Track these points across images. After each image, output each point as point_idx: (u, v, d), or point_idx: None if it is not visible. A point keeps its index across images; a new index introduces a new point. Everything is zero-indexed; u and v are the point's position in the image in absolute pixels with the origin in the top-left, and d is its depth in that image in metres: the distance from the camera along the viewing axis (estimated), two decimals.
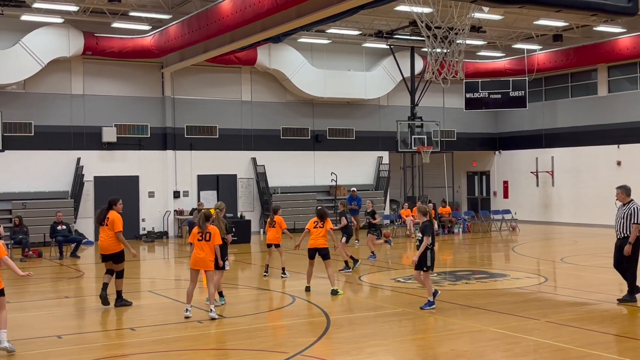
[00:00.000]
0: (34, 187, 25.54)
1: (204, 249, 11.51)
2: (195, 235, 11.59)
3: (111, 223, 12.62)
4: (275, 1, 18.13)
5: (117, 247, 12.71)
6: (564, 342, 9.48)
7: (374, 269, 17.72)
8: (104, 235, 12.69)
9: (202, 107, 28.97)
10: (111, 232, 12.64)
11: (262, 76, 30.15)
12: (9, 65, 24.71)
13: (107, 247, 12.68)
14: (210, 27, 21.71)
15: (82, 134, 26.75)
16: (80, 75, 26.93)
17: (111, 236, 12.65)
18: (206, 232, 11.54)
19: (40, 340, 10.02)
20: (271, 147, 30.11)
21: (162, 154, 28.24)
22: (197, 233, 11.57)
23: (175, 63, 26.97)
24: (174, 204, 28.30)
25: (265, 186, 29.49)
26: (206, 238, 11.53)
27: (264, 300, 13.87)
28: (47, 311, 12.56)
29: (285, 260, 16.42)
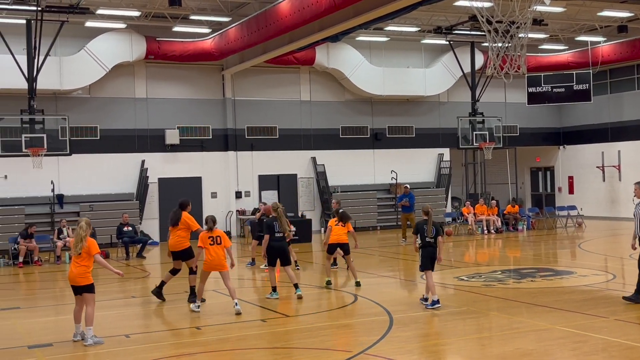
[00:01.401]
0: (101, 190, 26.18)
1: (217, 252, 11.98)
2: (206, 240, 12.01)
3: (185, 224, 13.20)
4: (333, 0, 18.15)
5: (185, 244, 13.24)
6: (633, 341, 9.22)
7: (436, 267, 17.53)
8: (174, 235, 13.16)
9: (262, 108, 29.21)
10: (181, 232, 13.17)
11: (321, 76, 30.21)
12: (75, 70, 25.40)
13: (174, 245, 13.20)
14: (269, 28, 21.87)
15: (146, 136, 27.30)
16: (143, 79, 27.48)
17: (181, 235, 13.17)
18: (216, 236, 12.06)
19: (109, 339, 10.26)
20: (331, 146, 30.15)
21: (223, 155, 28.60)
22: (207, 238, 12.01)
23: (235, 65, 27.27)
24: (236, 204, 28.62)
25: (325, 185, 29.55)
26: (217, 242, 12.04)
27: (325, 299, 13.89)
28: (115, 311, 12.86)
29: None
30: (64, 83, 25.22)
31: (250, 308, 12.64)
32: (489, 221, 26.61)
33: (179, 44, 26.68)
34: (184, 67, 27.74)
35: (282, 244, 13.49)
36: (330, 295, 14.21)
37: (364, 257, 19.95)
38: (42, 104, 23.49)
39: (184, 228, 13.25)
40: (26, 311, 13.28)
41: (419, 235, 12.09)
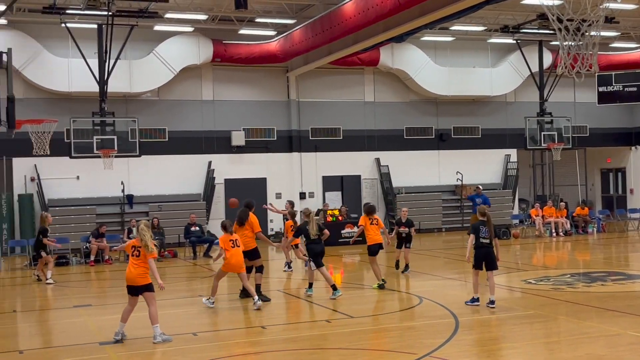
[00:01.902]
0: (169, 190, 26.70)
1: (237, 254, 12.61)
2: (227, 243, 12.56)
3: (250, 224, 13.55)
4: (398, 0, 18.08)
5: (252, 244, 13.54)
6: None
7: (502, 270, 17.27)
8: (241, 235, 13.39)
9: (326, 109, 29.30)
10: (248, 232, 13.47)
11: (385, 76, 30.12)
12: (144, 73, 25.99)
13: (245, 245, 13.37)
14: (334, 29, 21.93)
15: (213, 138, 27.72)
16: (210, 82, 27.92)
17: (248, 235, 13.48)
18: (236, 239, 12.69)
19: (176, 337, 10.46)
20: (395, 147, 30.01)
21: (288, 156, 28.80)
22: (228, 240, 12.57)
23: (299, 67, 27.43)
24: (300, 204, 28.75)
25: (389, 186, 29.44)
26: (237, 244, 12.65)
27: (390, 300, 13.84)
28: (183, 309, 13.09)
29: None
30: (134, 86, 25.85)
31: (315, 308, 12.69)
32: (557, 223, 26.04)
33: (245, 47, 27.01)
34: (249, 69, 28.06)
35: (320, 246, 13.79)
36: (395, 296, 14.14)
37: (429, 258, 19.80)
38: (112, 107, 24.08)
39: (250, 228, 13.50)
40: (97, 308, 13.65)
41: (475, 235, 12.11)
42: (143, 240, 10.14)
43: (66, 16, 22.86)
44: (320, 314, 12.25)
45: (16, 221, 24.67)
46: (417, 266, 17.64)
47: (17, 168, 25.07)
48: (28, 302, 15.30)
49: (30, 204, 24.64)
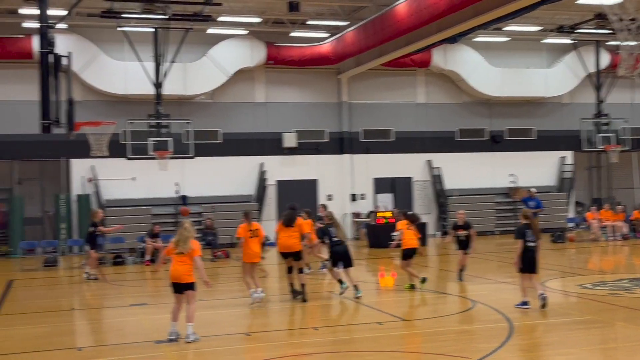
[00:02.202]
0: (222, 191, 27.01)
1: (255, 244, 13.20)
2: (247, 233, 13.15)
3: (299, 226, 13.87)
4: (452, 1, 17.96)
5: (299, 246, 13.74)
6: None
7: (557, 274, 16.99)
8: (289, 236, 13.59)
9: (378, 111, 29.24)
10: (295, 233, 13.68)
11: (437, 77, 29.91)
12: (198, 76, 26.36)
13: (291, 246, 13.59)
14: (386, 31, 21.89)
15: (265, 140, 27.94)
16: (262, 84, 28.16)
17: (294, 236, 13.68)
18: (255, 229, 13.22)
19: (229, 337, 10.57)
20: (447, 149, 29.77)
21: (339, 157, 28.84)
22: (247, 230, 13.13)
23: (351, 68, 27.44)
24: (351, 206, 28.79)
25: (441, 189, 29.22)
26: (256, 234, 13.20)
27: (442, 303, 13.75)
28: (235, 309, 13.23)
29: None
30: (188, 88, 26.25)
31: (366, 310, 12.69)
32: (614, 227, 25.47)
33: (297, 49, 27.16)
34: (301, 71, 28.20)
35: (343, 247, 13.95)
36: (447, 300, 14.04)
37: (482, 262, 19.58)
38: (167, 109, 24.51)
39: (298, 230, 13.65)
40: (153, 307, 13.89)
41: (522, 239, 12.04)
42: (181, 237, 10.20)
43: (123, 20, 23.35)
44: (372, 316, 12.23)
45: (74, 221, 25.27)
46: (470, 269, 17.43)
47: (75, 169, 25.69)
48: (85, 300, 15.67)
49: (88, 204, 25.22)
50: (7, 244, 25.21)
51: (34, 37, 23.93)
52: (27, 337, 11.01)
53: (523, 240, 12.00)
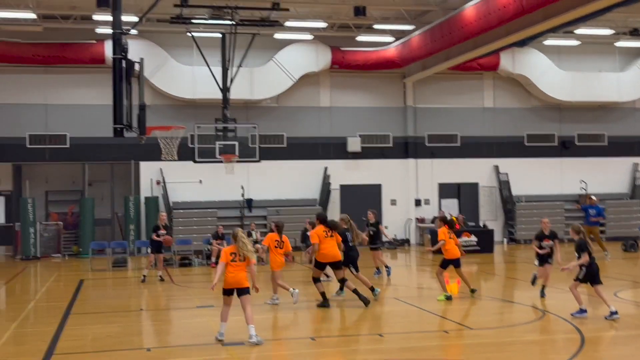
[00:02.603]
0: (286, 195, 27.18)
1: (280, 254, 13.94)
2: (272, 242, 13.97)
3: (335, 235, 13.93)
4: (521, 5, 17.64)
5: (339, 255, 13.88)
6: None
7: (629, 284, 16.46)
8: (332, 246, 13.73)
9: (443, 115, 28.95)
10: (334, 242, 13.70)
11: (505, 81, 29.43)
12: (264, 81, 26.61)
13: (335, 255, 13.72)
14: (453, 35, 21.65)
15: (329, 144, 27.99)
16: (327, 88, 28.22)
17: (334, 246, 13.73)
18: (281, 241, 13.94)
19: (295, 341, 10.59)
20: (515, 154, 29.25)
21: (403, 162, 28.66)
22: (274, 240, 13.86)
23: (417, 72, 27.25)
24: (415, 211, 28.56)
25: (508, 195, 28.71)
26: (281, 246, 13.88)
27: (510, 312, 13.48)
28: (300, 313, 13.25)
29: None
30: (254, 93, 26.51)
31: (432, 318, 12.54)
32: None
33: (362, 53, 27.12)
34: (366, 75, 28.15)
35: (356, 252, 14.61)
36: (515, 309, 13.76)
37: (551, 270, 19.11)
38: (234, 113, 24.73)
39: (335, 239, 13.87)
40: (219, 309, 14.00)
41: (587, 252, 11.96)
42: (243, 248, 10.57)
43: (192, 26, 23.72)
44: (438, 323, 12.08)
45: (142, 222, 25.81)
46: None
47: (144, 171, 26.25)
48: (153, 301, 15.95)
49: (156, 206, 25.72)
50: (78, 244, 25.94)
51: (106, 43, 24.59)
52: (97, 336, 11.26)
53: (588, 253, 11.90)
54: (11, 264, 23.59)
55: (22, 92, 25.75)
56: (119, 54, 12.98)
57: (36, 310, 14.31)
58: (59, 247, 25.81)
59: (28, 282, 19.97)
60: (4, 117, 25.47)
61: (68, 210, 27.40)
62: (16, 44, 24.62)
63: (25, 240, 24.79)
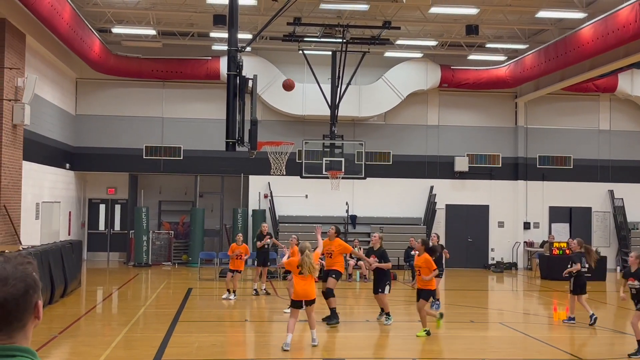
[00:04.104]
0: (390, 213, 27.09)
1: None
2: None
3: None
4: None
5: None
6: None
7: None
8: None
9: (556, 137, 28.12)
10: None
11: (623, 103, 28.29)
12: (373, 98, 26.70)
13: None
14: (568, 55, 21.04)
15: (436, 163, 27.72)
16: (435, 107, 28.00)
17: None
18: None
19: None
20: (631, 179, 28.02)
21: (512, 184, 28.01)
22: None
23: (529, 92, 26.64)
24: (523, 235, 27.82)
25: (623, 221, 27.51)
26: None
27: (620, 344, 12.86)
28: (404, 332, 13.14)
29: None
30: (362, 110, 26.65)
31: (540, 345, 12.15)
32: None
33: (473, 72, 26.77)
34: (475, 94, 27.77)
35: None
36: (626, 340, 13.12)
37: None
38: (341, 130, 24.97)
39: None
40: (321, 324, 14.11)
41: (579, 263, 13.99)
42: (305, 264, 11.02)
43: (303, 43, 24.16)
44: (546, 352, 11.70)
45: (249, 235, 26.34)
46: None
47: (252, 185, 26.85)
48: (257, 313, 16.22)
49: (263, 219, 26.17)
50: (188, 253, 26.78)
51: (221, 59, 25.40)
52: (203, 344, 11.57)
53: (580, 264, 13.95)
54: (124, 270, 24.62)
55: (140, 106, 26.95)
56: (234, 71, 13.38)
57: (146, 316, 14.85)
58: (170, 256, 26.74)
59: (139, 288, 20.77)
60: (124, 129, 26.71)
61: (179, 220, 28.36)
62: (137, 59, 25.81)
63: (138, 248, 25.83)
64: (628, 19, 17.53)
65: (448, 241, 26.96)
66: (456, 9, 21.27)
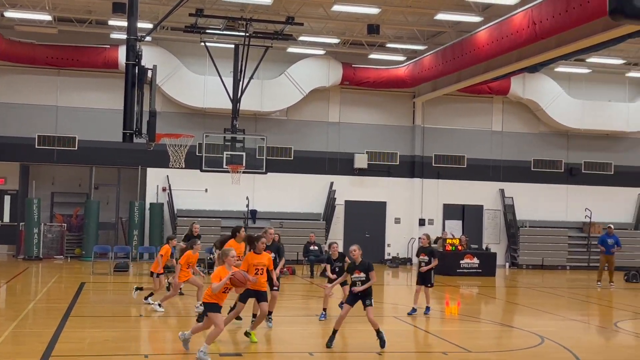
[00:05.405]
0: (291, 208, 27.21)
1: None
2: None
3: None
4: (534, 31, 17.71)
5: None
6: None
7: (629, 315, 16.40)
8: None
9: (451, 137, 29.00)
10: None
11: (515, 106, 29.49)
12: (275, 93, 26.72)
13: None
14: (465, 57, 21.74)
15: (336, 159, 28.04)
16: (337, 104, 28.32)
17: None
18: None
19: (293, 355, 10.57)
20: (521, 179, 29.27)
21: (409, 181, 28.69)
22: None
23: (427, 93, 27.35)
24: (419, 231, 28.53)
25: (512, 219, 28.69)
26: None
27: (509, 337, 13.43)
28: (300, 327, 13.23)
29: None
30: (264, 105, 26.62)
31: (432, 339, 12.52)
32: None
33: (374, 71, 27.23)
34: (376, 93, 28.26)
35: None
36: (515, 334, 13.72)
37: (552, 297, 19.10)
38: (243, 124, 24.86)
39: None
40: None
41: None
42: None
43: (206, 35, 23.88)
44: (436, 345, 12.06)
45: (146, 228, 25.86)
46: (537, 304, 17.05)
47: (150, 178, 26.34)
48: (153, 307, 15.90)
49: (160, 213, 25.80)
50: (81, 246, 26.00)
51: (120, 48, 24.75)
52: (95, 340, 11.26)
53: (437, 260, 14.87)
54: (13, 264, 23.64)
55: (33, 93, 25.92)
56: (132, 60, 13.05)
57: (36, 311, 14.32)
58: (62, 249, 25.88)
59: (29, 282, 20.00)
60: (14, 117, 25.63)
61: (73, 213, 27.48)
62: (30, 45, 24.80)
63: (29, 241, 24.86)
64: (521, 25, 18.29)
65: (346, 236, 27.38)
66: (358, 8, 21.57)
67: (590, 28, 17.20)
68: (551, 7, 17.03)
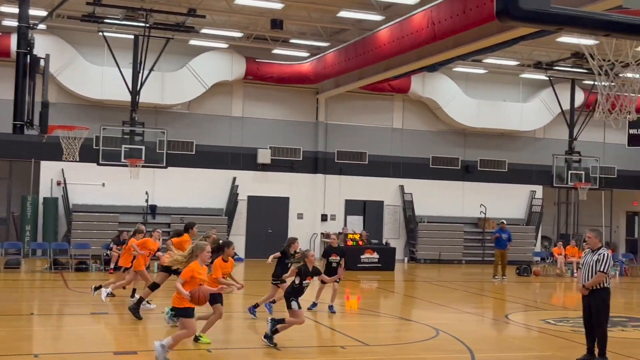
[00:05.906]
0: (192, 203, 26.81)
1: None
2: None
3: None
4: (433, 31, 18.12)
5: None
6: None
7: (520, 307, 17.10)
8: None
9: (353, 133, 29.34)
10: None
11: (415, 104, 30.13)
12: (176, 86, 26.24)
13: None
14: (367, 55, 22.01)
15: (239, 154, 27.85)
16: (240, 99, 28.12)
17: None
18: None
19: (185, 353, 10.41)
20: (420, 176, 29.93)
21: (312, 177, 28.84)
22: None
23: (330, 89, 27.55)
24: (321, 226, 28.76)
25: (411, 214, 29.34)
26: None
27: (406, 330, 13.73)
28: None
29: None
30: (165, 98, 26.10)
31: (332, 333, 12.63)
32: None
33: (277, 66, 27.19)
34: (279, 88, 28.23)
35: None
36: (411, 327, 14.03)
37: (448, 291, 19.64)
38: (143, 117, 24.35)
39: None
40: (114, 317, 13.68)
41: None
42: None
43: (104, 25, 23.20)
44: (335, 339, 12.18)
45: (39, 224, 24.89)
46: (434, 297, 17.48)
47: (44, 171, 25.34)
48: (46, 306, 15.38)
49: (55, 208, 24.88)
50: None
51: (12, 36, 23.67)
52: None
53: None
54: None
55: None
56: (24, 49, 12.53)
57: None
58: None
59: None
60: None
61: None
62: None
63: None
64: (421, 24, 18.67)
65: (249, 232, 27.27)
66: (261, 2, 21.47)
67: (486, 30, 17.75)
68: (449, 8, 17.47)
